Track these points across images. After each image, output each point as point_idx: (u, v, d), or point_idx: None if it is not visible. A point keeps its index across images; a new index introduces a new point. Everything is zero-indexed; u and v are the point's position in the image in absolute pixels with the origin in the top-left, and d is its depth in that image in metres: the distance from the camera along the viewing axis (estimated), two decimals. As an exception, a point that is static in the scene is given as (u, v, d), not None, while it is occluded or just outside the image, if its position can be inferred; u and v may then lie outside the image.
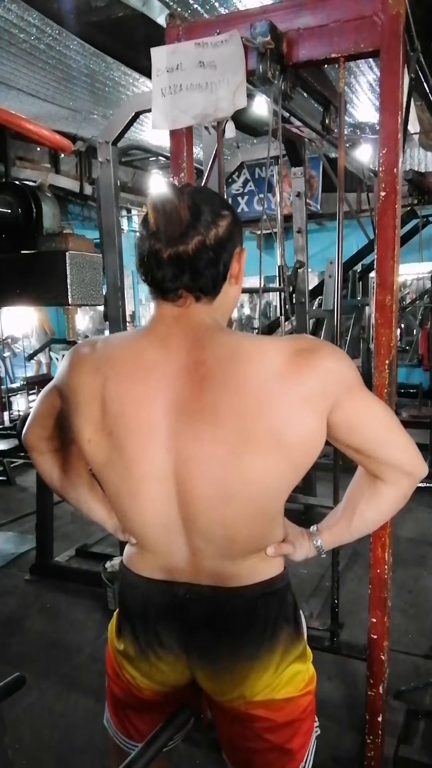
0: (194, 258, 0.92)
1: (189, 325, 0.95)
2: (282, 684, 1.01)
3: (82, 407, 0.98)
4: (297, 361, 0.88)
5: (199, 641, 1.02)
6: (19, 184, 2.71)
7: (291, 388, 0.87)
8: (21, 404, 7.30)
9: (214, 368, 0.90)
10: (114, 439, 0.95)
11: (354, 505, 1.07)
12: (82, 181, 6.93)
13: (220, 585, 0.99)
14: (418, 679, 2.34)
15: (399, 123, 1.52)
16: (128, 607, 1.07)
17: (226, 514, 0.93)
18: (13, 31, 3.20)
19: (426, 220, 5.54)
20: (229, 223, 0.96)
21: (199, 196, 0.95)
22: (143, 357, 0.95)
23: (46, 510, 3.41)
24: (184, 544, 0.98)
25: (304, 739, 1.06)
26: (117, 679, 1.12)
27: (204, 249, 0.92)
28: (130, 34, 3.30)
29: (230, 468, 0.89)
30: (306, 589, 3.02)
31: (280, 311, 2.50)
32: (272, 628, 1.01)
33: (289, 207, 3.91)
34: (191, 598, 1.01)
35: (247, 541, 0.98)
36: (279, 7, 1.64)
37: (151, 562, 1.03)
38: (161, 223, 0.90)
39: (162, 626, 1.03)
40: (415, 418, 6.05)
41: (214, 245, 0.93)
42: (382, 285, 1.59)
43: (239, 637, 1.00)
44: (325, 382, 0.89)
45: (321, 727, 1.12)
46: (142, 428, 0.93)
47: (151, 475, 0.94)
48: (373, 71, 3.69)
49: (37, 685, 2.40)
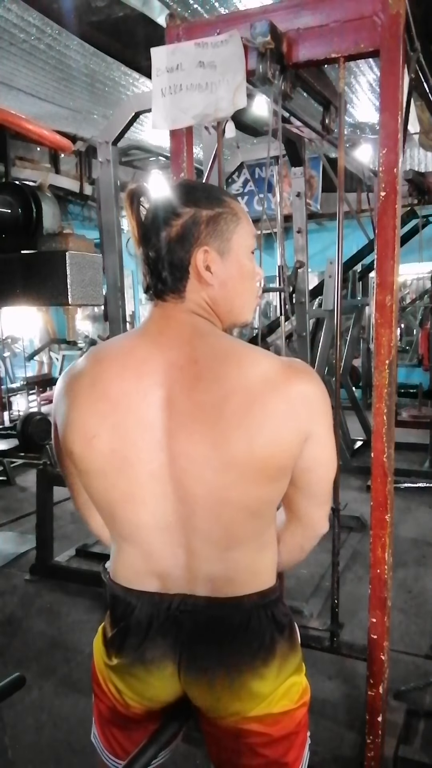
0: (156, 258, 0.97)
1: (180, 325, 0.96)
2: (278, 697, 0.99)
3: (74, 422, 0.95)
4: (289, 373, 0.91)
5: (194, 655, 0.98)
6: (19, 184, 2.72)
7: (281, 395, 0.89)
8: (21, 404, 7.30)
9: (205, 368, 0.90)
10: (105, 441, 0.93)
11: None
12: (82, 181, 6.92)
13: (215, 595, 0.97)
14: (418, 679, 2.34)
15: (399, 123, 1.52)
16: (118, 621, 1.03)
17: (222, 513, 0.92)
18: (13, 31, 3.20)
19: (426, 220, 5.54)
20: (186, 222, 0.95)
21: (160, 199, 0.98)
22: (133, 355, 0.95)
23: (46, 510, 3.41)
24: (179, 545, 0.96)
25: (298, 752, 1.04)
26: (102, 695, 1.09)
27: (162, 249, 0.96)
28: (130, 34, 3.31)
29: (220, 468, 0.89)
30: (306, 589, 3.02)
31: (280, 311, 2.50)
32: (268, 641, 0.99)
33: (289, 207, 3.92)
34: (185, 610, 0.98)
35: (242, 540, 0.96)
36: (279, 7, 1.64)
37: (143, 569, 0.99)
38: (135, 230, 0.99)
39: (155, 640, 0.99)
40: (415, 418, 6.06)
41: (169, 246, 0.96)
42: (382, 285, 1.59)
43: (235, 650, 0.97)
44: (312, 402, 0.92)
45: (321, 727, 1.12)
46: (135, 426, 0.92)
47: (145, 474, 0.93)
48: (373, 71, 3.69)
49: (37, 685, 2.40)
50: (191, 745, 1.94)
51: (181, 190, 0.99)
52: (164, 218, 0.95)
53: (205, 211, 0.96)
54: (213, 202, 0.98)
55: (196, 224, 0.95)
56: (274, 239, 2.46)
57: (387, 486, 1.66)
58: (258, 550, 0.99)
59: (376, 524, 1.68)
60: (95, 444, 0.93)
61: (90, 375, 0.96)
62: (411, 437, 5.37)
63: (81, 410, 0.94)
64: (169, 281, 0.96)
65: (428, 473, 4.86)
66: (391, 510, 1.68)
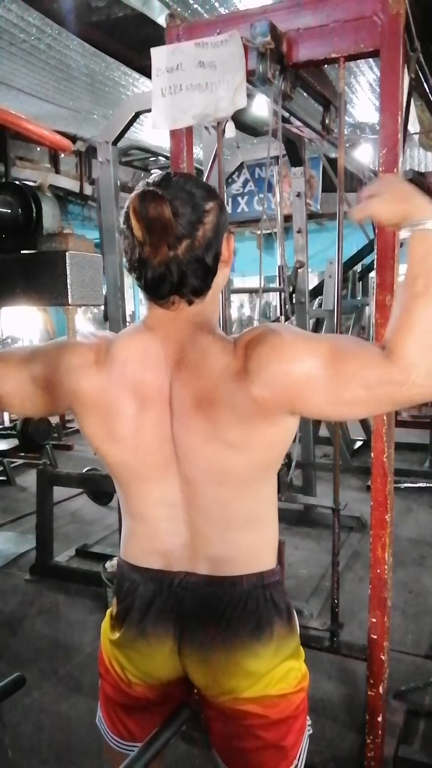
0: (185, 262, 0.92)
1: (181, 326, 0.98)
2: (276, 680, 1.01)
3: (98, 414, 1.01)
4: (240, 353, 0.92)
5: (192, 630, 1.02)
6: (19, 184, 2.72)
7: (237, 379, 0.91)
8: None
9: (191, 366, 0.96)
10: (129, 437, 1.00)
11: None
12: (82, 181, 6.93)
13: (214, 574, 1.01)
14: (418, 679, 2.33)
15: (399, 123, 1.53)
16: (124, 597, 1.08)
17: (222, 494, 0.98)
18: (13, 31, 3.21)
19: (426, 220, 5.53)
20: (216, 216, 0.95)
21: (180, 194, 0.92)
22: (146, 356, 0.99)
23: (46, 510, 3.41)
24: (183, 523, 1.01)
25: (296, 737, 1.06)
26: (107, 675, 1.13)
27: (193, 251, 0.92)
28: (130, 34, 3.31)
29: (212, 455, 0.96)
30: (306, 589, 3.02)
31: (280, 311, 2.50)
32: (265, 621, 1.01)
33: (289, 207, 3.91)
34: (186, 588, 1.02)
35: (242, 520, 1.01)
36: (279, 7, 1.64)
37: (149, 548, 1.05)
38: (145, 231, 0.89)
39: (157, 615, 1.04)
40: (415, 418, 6.05)
41: (204, 245, 0.93)
42: (382, 285, 1.59)
43: (232, 626, 1.00)
44: (259, 346, 0.90)
45: (321, 727, 1.12)
46: (153, 422, 0.99)
47: (158, 463, 1.00)
48: (373, 71, 3.69)
49: (37, 685, 2.40)
50: (191, 745, 1.94)
51: (190, 184, 0.96)
52: (197, 217, 0.92)
53: (217, 199, 0.98)
54: (211, 190, 1.00)
55: (222, 213, 0.97)
56: (274, 239, 2.47)
57: (387, 486, 1.66)
58: (258, 530, 1.03)
59: (376, 524, 1.68)
60: (115, 443, 1.02)
61: (106, 376, 1.00)
62: (411, 437, 5.37)
63: (100, 414, 1.01)
64: (202, 283, 0.95)
65: (428, 473, 4.86)
66: (391, 510, 1.68)
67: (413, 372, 0.80)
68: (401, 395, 0.83)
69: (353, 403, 0.87)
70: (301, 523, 3.91)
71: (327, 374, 0.85)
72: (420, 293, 0.83)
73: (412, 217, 0.88)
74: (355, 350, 0.87)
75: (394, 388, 0.82)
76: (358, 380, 0.84)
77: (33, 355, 1.07)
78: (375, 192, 0.92)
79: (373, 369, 0.83)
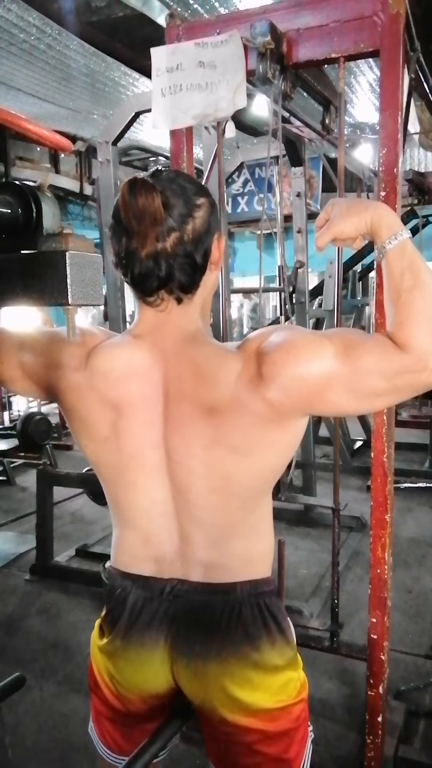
0: (173, 255, 0.91)
1: (172, 334, 0.97)
2: (274, 691, 0.98)
3: (79, 417, 1.02)
4: (250, 360, 0.91)
5: (186, 639, 0.99)
6: (19, 184, 2.71)
7: (250, 386, 0.89)
8: (21, 404, 7.30)
9: (191, 375, 0.94)
10: (111, 442, 0.99)
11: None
12: (82, 181, 6.94)
13: (208, 581, 0.99)
14: (418, 679, 2.34)
15: (399, 123, 1.52)
16: (114, 605, 1.05)
17: (216, 502, 0.97)
18: (13, 31, 3.20)
19: (426, 220, 5.53)
20: (206, 212, 0.95)
21: (171, 186, 0.92)
22: (131, 367, 0.98)
23: (46, 510, 3.42)
24: (176, 530, 1.00)
25: (299, 748, 1.03)
26: (96, 689, 1.09)
27: (182, 245, 0.91)
28: (130, 34, 3.31)
29: (212, 461, 0.94)
30: (306, 589, 3.02)
31: (280, 311, 2.50)
32: (261, 629, 0.99)
33: (289, 207, 3.91)
34: (178, 595, 1.00)
35: (236, 529, 0.99)
36: (279, 7, 1.64)
37: (141, 554, 1.03)
38: (134, 222, 0.88)
39: (147, 623, 1.01)
40: (415, 418, 6.06)
41: (193, 240, 0.92)
42: (381, 285, 1.58)
43: (227, 635, 0.97)
44: (262, 350, 0.90)
45: (321, 727, 1.12)
46: (137, 430, 0.98)
47: (145, 470, 0.99)
48: (373, 71, 3.69)
49: (37, 685, 2.40)
50: (191, 745, 1.94)
51: (182, 179, 0.96)
52: (187, 211, 0.92)
53: (209, 198, 0.97)
54: (203, 187, 1.00)
55: (213, 212, 0.97)
56: (274, 239, 2.46)
57: (387, 486, 1.66)
58: (251, 538, 1.01)
59: (376, 524, 1.68)
60: (100, 447, 1.01)
61: (96, 383, 0.99)
62: (411, 437, 5.37)
63: (90, 417, 1.00)
64: (190, 278, 0.94)
65: (428, 473, 4.86)
66: (391, 510, 1.68)
67: (429, 359, 0.82)
68: (420, 382, 0.85)
69: (375, 396, 0.88)
70: (301, 523, 3.92)
71: (344, 372, 0.85)
72: (412, 286, 0.85)
73: (379, 223, 0.89)
74: (367, 344, 0.87)
75: (413, 376, 0.84)
76: (377, 374, 0.85)
77: (24, 342, 1.09)
78: (329, 215, 0.94)
79: (388, 361, 0.84)
